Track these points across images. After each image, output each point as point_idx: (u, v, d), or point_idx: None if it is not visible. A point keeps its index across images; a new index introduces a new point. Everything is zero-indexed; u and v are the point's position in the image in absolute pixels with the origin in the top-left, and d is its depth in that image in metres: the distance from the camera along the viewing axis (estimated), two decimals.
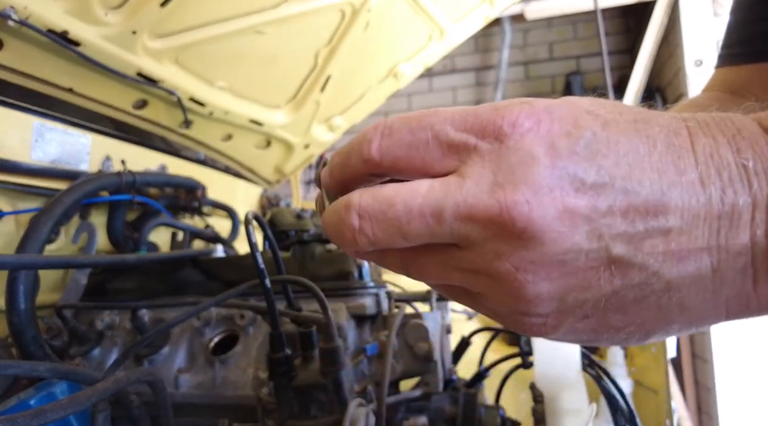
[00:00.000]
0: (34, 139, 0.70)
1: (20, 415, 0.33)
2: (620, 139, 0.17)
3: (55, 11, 0.73)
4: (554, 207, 0.16)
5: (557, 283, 0.16)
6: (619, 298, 0.17)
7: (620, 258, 0.16)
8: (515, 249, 0.16)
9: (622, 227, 0.16)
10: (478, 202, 0.16)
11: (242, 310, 0.58)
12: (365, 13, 1.06)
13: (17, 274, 0.54)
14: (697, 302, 0.17)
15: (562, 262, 0.16)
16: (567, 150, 0.16)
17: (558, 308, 0.17)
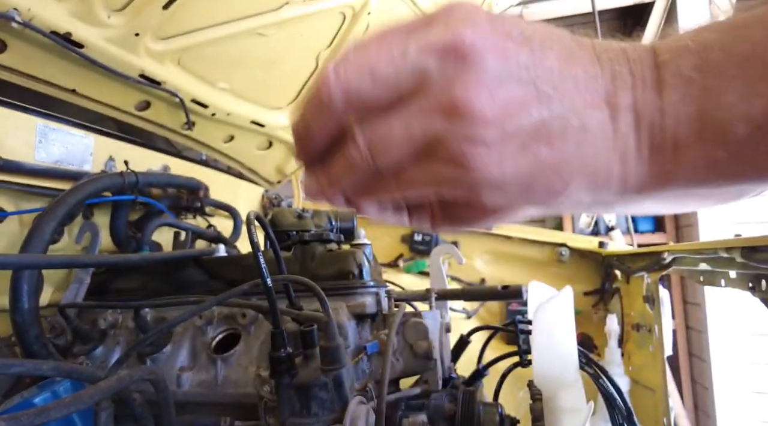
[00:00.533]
0: (38, 139, 0.71)
1: (24, 414, 0.33)
2: (536, 23, 0.23)
3: (59, 13, 0.73)
4: (493, 37, 0.21)
5: (500, 101, 0.20)
6: (548, 128, 0.21)
7: (544, 91, 0.21)
8: (464, 72, 0.20)
9: (541, 70, 0.21)
10: (437, 37, 0.21)
11: (244, 309, 0.59)
12: (366, 15, 1.07)
13: (21, 274, 0.55)
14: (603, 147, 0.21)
15: (501, 83, 0.20)
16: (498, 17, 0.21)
17: (501, 133, 0.21)
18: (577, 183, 0.22)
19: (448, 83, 0.20)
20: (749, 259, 0.73)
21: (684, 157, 0.21)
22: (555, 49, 0.21)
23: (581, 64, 0.21)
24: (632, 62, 0.22)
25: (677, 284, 2.24)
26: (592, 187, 0.22)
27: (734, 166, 0.21)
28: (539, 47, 0.21)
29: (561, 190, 0.22)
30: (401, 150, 0.21)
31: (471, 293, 0.83)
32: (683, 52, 0.21)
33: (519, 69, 0.20)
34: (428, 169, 0.22)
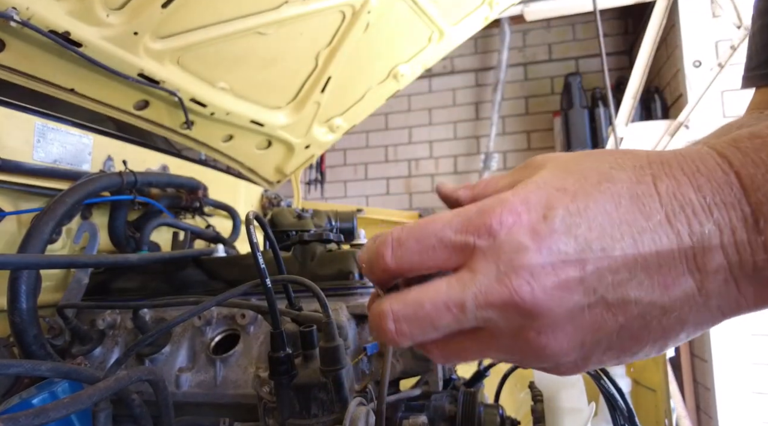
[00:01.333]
0: (36, 139, 0.71)
1: (22, 414, 0.33)
2: (588, 204, 0.20)
3: (57, 12, 0.73)
4: (550, 281, 0.20)
5: (572, 335, 0.21)
6: (627, 329, 0.20)
7: (615, 301, 0.20)
8: (531, 321, 0.20)
9: (609, 278, 0.20)
10: (492, 291, 0.20)
11: (243, 310, 0.58)
12: (365, 14, 1.06)
13: (19, 274, 0.54)
14: (693, 315, 0.20)
15: (571, 319, 0.20)
16: (547, 231, 0.20)
17: (581, 351, 0.21)
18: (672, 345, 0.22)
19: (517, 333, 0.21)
20: None
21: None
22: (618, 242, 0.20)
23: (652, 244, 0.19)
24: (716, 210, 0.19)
25: None
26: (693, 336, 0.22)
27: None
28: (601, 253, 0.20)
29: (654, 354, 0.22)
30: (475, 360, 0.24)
31: None
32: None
33: (586, 296, 0.20)
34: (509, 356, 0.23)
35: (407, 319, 0.21)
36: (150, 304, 0.60)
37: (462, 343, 0.22)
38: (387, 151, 3.18)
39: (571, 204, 0.21)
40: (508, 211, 0.21)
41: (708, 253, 0.19)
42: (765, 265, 0.19)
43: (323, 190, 3.13)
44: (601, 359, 0.22)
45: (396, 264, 0.22)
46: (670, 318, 0.20)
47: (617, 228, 0.20)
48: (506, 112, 3.00)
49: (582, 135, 2.59)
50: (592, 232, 0.20)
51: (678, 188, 0.20)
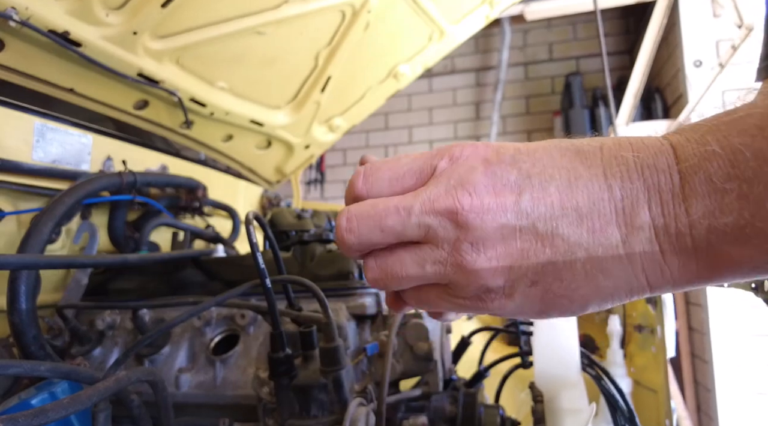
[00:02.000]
0: (36, 139, 0.71)
1: (21, 415, 0.33)
2: (537, 150, 0.23)
3: (57, 12, 0.73)
4: (489, 197, 0.22)
5: (503, 256, 0.22)
6: (553, 265, 0.22)
7: (545, 232, 0.22)
8: (468, 232, 0.22)
9: (542, 210, 0.22)
10: (438, 199, 0.23)
11: (243, 310, 0.58)
12: (365, 14, 1.06)
13: (19, 274, 0.54)
14: (615, 268, 0.21)
15: (502, 237, 0.22)
16: (496, 160, 0.23)
17: (509, 278, 0.22)
18: (596, 302, 0.22)
19: (452, 244, 0.22)
20: None
21: (726, 261, 0.20)
22: (556, 180, 0.22)
23: (585, 189, 0.21)
24: (648, 171, 0.21)
25: None
26: (618, 299, 0.22)
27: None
28: (539, 185, 0.22)
29: (578, 311, 0.23)
30: (414, 282, 0.24)
31: None
32: (711, 158, 0.20)
33: (518, 219, 0.22)
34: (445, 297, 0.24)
35: (358, 216, 0.24)
36: (149, 305, 0.59)
37: (401, 256, 0.24)
38: (387, 150, 3.17)
39: (522, 148, 0.24)
40: (470, 145, 0.24)
41: (635, 208, 0.21)
42: (686, 231, 0.20)
43: (323, 190, 3.12)
44: (526, 294, 0.22)
45: (367, 190, 0.25)
46: (594, 264, 0.21)
47: (557, 169, 0.22)
48: (507, 111, 2.99)
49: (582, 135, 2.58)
50: (535, 167, 0.22)
51: (619, 151, 0.22)
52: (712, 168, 0.20)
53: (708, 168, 0.20)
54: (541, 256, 0.22)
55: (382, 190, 0.25)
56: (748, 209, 0.19)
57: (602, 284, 0.22)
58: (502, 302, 0.23)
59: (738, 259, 0.20)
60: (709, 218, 0.20)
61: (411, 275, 0.24)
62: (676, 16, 2.08)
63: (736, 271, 0.21)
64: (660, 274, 0.21)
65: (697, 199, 0.20)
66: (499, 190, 0.22)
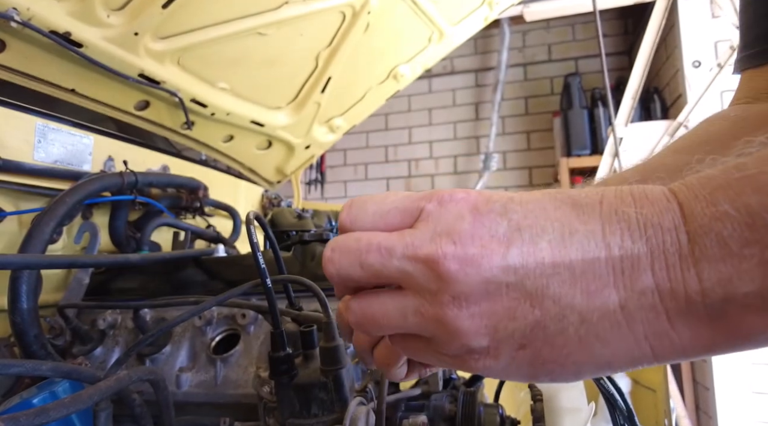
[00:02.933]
0: (37, 139, 0.71)
1: (23, 414, 0.33)
2: (529, 201, 0.21)
3: (58, 13, 0.73)
4: (474, 249, 0.20)
5: (487, 315, 0.20)
6: (543, 328, 0.20)
7: (534, 291, 0.20)
8: (449, 285, 0.20)
9: (532, 266, 0.20)
10: (422, 245, 0.21)
11: (243, 310, 0.58)
12: (365, 15, 1.07)
13: (20, 274, 0.55)
14: (613, 335, 0.19)
15: (486, 293, 0.20)
16: (485, 209, 0.21)
17: (493, 338, 0.20)
18: (591, 370, 0.21)
19: (433, 296, 0.21)
20: None
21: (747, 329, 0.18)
22: (548, 235, 0.20)
23: (580, 246, 0.19)
24: (651, 230, 0.19)
25: None
26: (618, 368, 0.20)
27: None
28: (529, 239, 0.20)
29: (571, 378, 0.21)
30: (396, 330, 0.23)
31: None
32: (724, 219, 0.18)
33: (505, 274, 0.20)
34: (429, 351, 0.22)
35: (341, 248, 0.23)
36: (150, 304, 0.60)
37: (384, 300, 0.22)
38: (387, 151, 3.18)
39: (514, 198, 0.22)
40: (461, 191, 0.23)
41: (636, 271, 0.19)
42: (698, 298, 0.18)
43: (323, 191, 3.13)
44: (513, 357, 0.21)
45: (350, 222, 0.24)
46: (588, 330, 0.19)
47: (550, 222, 0.20)
48: (506, 112, 3.00)
49: (581, 135, 2.59)
50: (526, 219, 0.21)
51: (620, 206, 0.20)
52: (726, 230, 0.18)
53: (721, 230, 0.18)
54: (530, 318, 0.20)
55: (365, 223, 0.23)
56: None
57: (598, 352, 0.20)
58: (486, 363, 0.21)
59: (761, 327, 0.18)
60: (725, 286, 0.18)
61: (392, 324, 0.22)
62: (675, 17, 2.08)
63: (758, 338, 0.19)
64: (668, 342, 0.19)
65: (709, 264, 0.18)
66: (486, 241, 0.20)
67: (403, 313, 0.22)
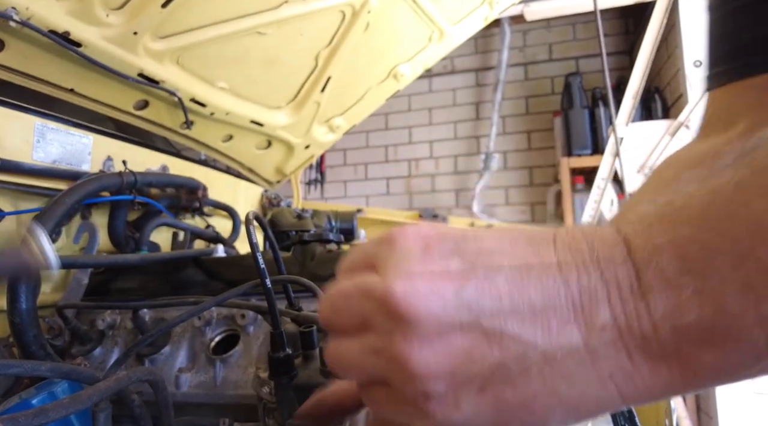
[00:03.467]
0: (36, 139, 0.71)
1: (22, 415, 0.33)
2: (485, 237, 0.21)
3: (57, 12, 0.73)
4: (424, 286, 0.19)
5: (442, 355, 0.19)
6: (505, 369, 0.19)
7: (493, 330, 0.19)
8: (401, 324, 0.19)
9: (488, 303, 0.19)
10: (374, 286, 0.21)
11: (243, 310, 0.58)
12: (365, 14, 1.06)
13: None
14: (579, 374, 0.19)
15: (440, 334, 0.19)
16: (437, 247, 0.21)
17: (451, 383, 0.19)
18: (560, 414, 0.19)
19: (387, 336, 0.20)
20: None
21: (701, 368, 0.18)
22: (504, 272, 0.19)
23: (539, 282, 0.19)
24: (604, 263, 0.19)
25: None
26: (586, 412, 0.19)
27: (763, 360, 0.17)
28: (484, 276, 0.19)
29: (540, 422, 0.20)
30: (361, 375, 0.23)
31: None
32: (661, 252, 0.18)
33: (459, 312, 0.19)
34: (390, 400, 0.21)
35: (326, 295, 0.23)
36: (150, 305, 0.60)
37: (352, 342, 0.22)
38: (387, 151, 3.18)
39: (468, 235, 0.21)
40: (412, 227, 0.22)
41: (594, 305, 0.18)
42: (650, 333, 0.18)
43: (323, 190, 3.13)
44: (475, 403, 0.19)
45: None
46: (553, 369, 0.19)
47: (507, 258, 0.20)
48: (506, 112, 3.00)
49: (582, 135, 2.59)
50: (481, 256, 0.20)
51: (573, 242, 0.20)
52: (663, 261, 0.18)
53: (659, 261, 0.18)
54: (490, 359, 0.19)
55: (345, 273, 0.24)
56: (709, 306, 0.17)
57: (565, 393, 0.19)
58: (447, 412, 0.19)
59: (713, 365, 0.18)
60: (671, 318, 0.18)
61: (355, 364, 0.22)
62: (676, 17, 2.08)
63: (714, 377, 0.18)
64: (631, 381, 0.18)
65: (654, 295, 0.18)
66: (437, 277, 0.19)
67: (363, 351, 0.21)
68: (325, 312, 0.23)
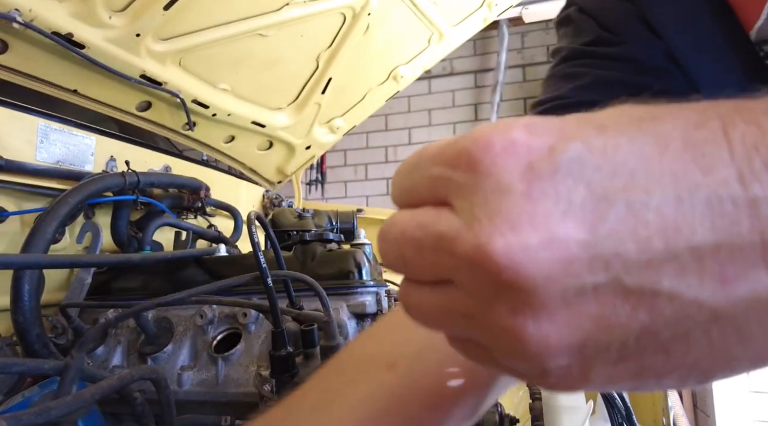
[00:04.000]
0: (39, 140, 0.71)
1: (25, 413, 0.34)
2: (620, 142, 0.14)
3: (60, 14, 0.74)
4: (538, 237, 0.13)
5: (566, 328, 0.13)
6: (653, 335, 0.13)
7: (638, 288, 0.13)
8: (503, 295, 0.13)
9: (633, 252, 0.13)
10: (456, 239, 0.14)
11: (245, 309, 0.59)
12: (366, 16, 1.07)
13: (22, 274, 0.55)
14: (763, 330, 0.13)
15: (566, 303, 0.13)
16: (549, 169, 0.13)
17: (579, 357, 0.14)
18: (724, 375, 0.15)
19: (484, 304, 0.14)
20: None
21: None
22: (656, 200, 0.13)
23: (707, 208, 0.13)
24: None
25: None
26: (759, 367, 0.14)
27: None
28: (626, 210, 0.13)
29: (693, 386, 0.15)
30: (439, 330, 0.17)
31: None
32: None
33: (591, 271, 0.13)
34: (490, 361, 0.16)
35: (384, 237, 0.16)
36: (152, 304, 0.60)
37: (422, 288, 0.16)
38: (387, 151, 3.18)
39: (595, 137, 0.14)
40: (501, 133, 0.14)
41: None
42: None
43: (324, 191, 3.13)
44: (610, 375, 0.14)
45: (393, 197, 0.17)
46: (724, 330, 0.13)
47: (656, 180, 0.13)
48: (505, 113, 3.00)
49: None
50: (617, 179, 0.13)
51: (763, 138, 0.13)
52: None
53: None
54: (633, 325, 0.13)
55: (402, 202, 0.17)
56: None
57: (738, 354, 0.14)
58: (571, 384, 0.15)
59: None
60: None
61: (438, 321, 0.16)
62: None
63: None
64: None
65: None
66: (555, 223, 0.13)
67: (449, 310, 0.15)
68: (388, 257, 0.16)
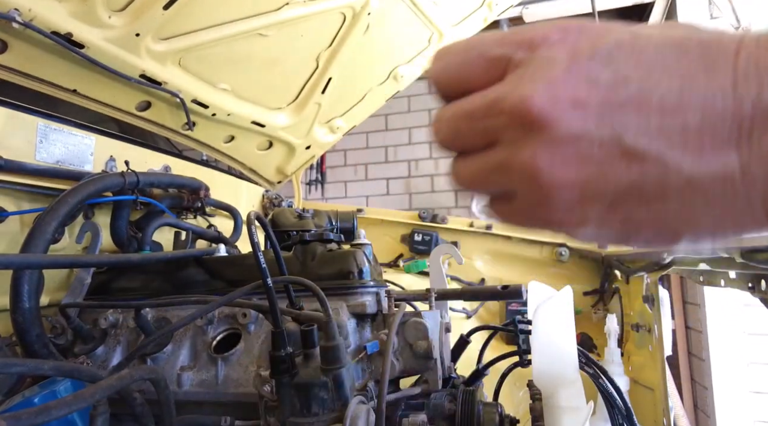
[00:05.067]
0: (39, 140, 0.71)
1: (25, 413, 0.34)
2: (648, 47, 0.18)
3: (60, 14, 0.74)
4: (565, 95, 0.18)
5: (574, 169, 0.18)
6: (639, 189, 0.18)
7: (633, 148, 0.17)
8: (533, 135, 0.18)
9: (634, 121, 0.17)
10: (505, 95, 0.19)
11: (245, 309, 0.59)
12: (366, 16, 1.07)
13: (22, 274, 0.55)
14: (725, 199, 0.17)
15: (576, 149, 0.18)
16: (587, 54, 0.18)
17: (581, 195, 0.18)
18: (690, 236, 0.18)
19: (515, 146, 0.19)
20: (749, 259, 0.74)
21: None
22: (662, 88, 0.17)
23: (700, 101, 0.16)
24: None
25: (677, 284, 2.24)
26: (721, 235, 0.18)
27: None
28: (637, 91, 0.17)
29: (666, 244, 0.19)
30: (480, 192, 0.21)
31: (471, 293, 0.83)
32: None
33: (601, 128, 0.17)
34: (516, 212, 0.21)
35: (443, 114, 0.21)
36: (152, 304, 0.60)
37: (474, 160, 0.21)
38: (387, 151, 3.18)
39: (628, 40, 0.18)
40: (559, 29, 0.19)
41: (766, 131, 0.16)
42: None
43: (324, 191, 3.13)
44: (603, 219, 0.18)
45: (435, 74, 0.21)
46: (695, 195, 0.17)
47: (667, 75, 0.17)
48: None
49: None
50: (637, 70, 0.17)
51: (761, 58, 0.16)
52: None
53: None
54: (625, 178, 0.17)
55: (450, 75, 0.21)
56: None
57: (702, 217, 0.17)
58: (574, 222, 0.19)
59: None
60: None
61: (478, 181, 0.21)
62: (674, 18, 2.08)
63: None
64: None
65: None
66: (582, 89, 0.17)
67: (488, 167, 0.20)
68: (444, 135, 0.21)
